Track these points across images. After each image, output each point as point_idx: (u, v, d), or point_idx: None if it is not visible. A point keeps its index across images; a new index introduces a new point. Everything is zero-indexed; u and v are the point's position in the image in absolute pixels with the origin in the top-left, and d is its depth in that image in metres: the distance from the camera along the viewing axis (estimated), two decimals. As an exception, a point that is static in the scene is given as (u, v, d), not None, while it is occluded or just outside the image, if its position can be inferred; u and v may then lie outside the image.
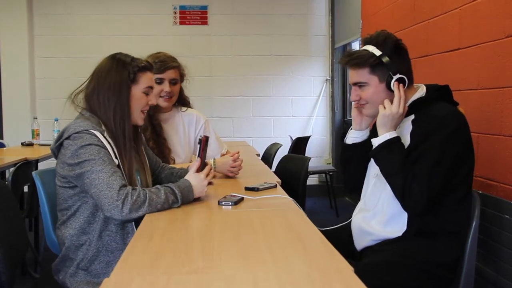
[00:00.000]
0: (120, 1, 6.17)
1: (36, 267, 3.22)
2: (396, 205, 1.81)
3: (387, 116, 1.79)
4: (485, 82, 2.39)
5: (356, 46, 5.93)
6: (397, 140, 1.79)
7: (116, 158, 1.79)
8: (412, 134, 1.83)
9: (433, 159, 1.72)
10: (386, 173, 1.80)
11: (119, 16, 6.16)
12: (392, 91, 1.83)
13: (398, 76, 1.81)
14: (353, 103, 1.98)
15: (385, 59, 1.81)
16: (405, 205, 1.77)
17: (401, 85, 1.81)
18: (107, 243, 1.77)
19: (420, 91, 1.89)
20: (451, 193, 1.78)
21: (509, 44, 2.19)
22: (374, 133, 2.02)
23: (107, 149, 1.75)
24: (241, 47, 6.28)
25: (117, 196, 1.64)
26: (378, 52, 1.82)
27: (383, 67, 1.82)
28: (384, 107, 1.80)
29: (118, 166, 1.78)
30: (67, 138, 1.74)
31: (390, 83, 1.82)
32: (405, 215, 1.80)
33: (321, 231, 1.47)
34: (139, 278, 1.11)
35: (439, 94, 1.88)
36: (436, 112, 1.79)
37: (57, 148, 1.80)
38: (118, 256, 1.74)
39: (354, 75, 1.87)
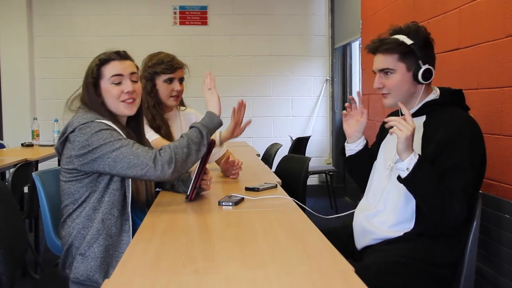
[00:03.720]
0: (120, 2, 6.17)
1: (36, 268, 3.21)
2: (407, 209, 1.81)
3: (408, 138, 1.66)
4: (485, 82, 2.39)
5: (356, 46, 5.94)
6: (422, 159, 1.70)
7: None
8: (424, 137, 1.82)
9: (467, 175, 1.70)
10: (421, 197, 1.73)
11: (118, 16, 6.16)
12: (417, 83, 1.83)
13: (426, 66, 1.81)
14: (342, 113, 2.03)
15: (416, 48, 1.81)
16: (444, 221, 1.72)
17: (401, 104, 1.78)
18: (108, 227, 1.77)
19: (434, 93, 1.89)
20: None
21: (508, 44, 2.19)
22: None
23: (117, 131, 1.78)
24: (241, 47, 6.28)
25: (147, 160, 1.70)
26: (409, 41, 1.81)
27: (412, 56, 1.81)
28: (400, 129, 1.67)
29: None
30: (72, 131, 1.75)
31: (417, 74, 1.81)
32: (413, 218, 1.80)
33: (322, 230, 1.47)
34: (139, 279, 1.11)
35: (453, 99, 1.88)
36: (453, 119, 1.78)
37: (62, 145, 1.80)
38: (116, 241, 1.77)
39: (382, 61, 1.85)
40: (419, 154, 1.71)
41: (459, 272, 1.80)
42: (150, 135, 2.38)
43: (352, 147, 2.06)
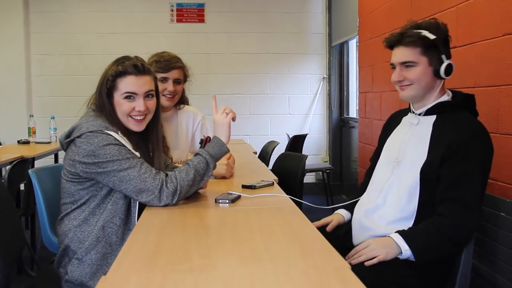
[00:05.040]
0: (117, -1, 6.16)
1: (33, 265, 3.20)
2: (408, 208, 1.81)
3: (388, 253, 1.73)
4: (481, 81, 2.39)
5: (353, 44, 5.94)
6: (405, 238, 1.73)
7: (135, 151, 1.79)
8: (433, 137, 1.82)
9: (478, 185, 1.73)
10: (439, 248, 1.75)
11: (115, 13, 6.14)
12: (437, 78, 1.83)
13: (449, 61, 1.81)
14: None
15: (439, 43, 1.81)
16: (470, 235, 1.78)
17: None
18: (108, 235, 1.76)
19: (448, 95, 1.89)
20: None
21: (505, 43, 2.20)
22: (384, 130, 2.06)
23: (125, 146, 1.75)
24: (238, 45, 6.27)
25: (153, 188, 1.69)
26: (432, 36, 1.81)
27: (435, 51, 1.81)
28: (375, 256, 1.73)
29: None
30: (79, 136, 1.72)
31: (439, 69, 1.81)
32: (414, 217, 1.81)
33: (319, 228, 1.47)
34: (136, 275, 1.11)
35: (465, 103, 1.88)
36: (466, 123, 1.79)
37: (67, 144, 1.78)
38: (115, 250, 1.74)
39: (404, 54, 1.84)
40: (402, 230, 1.75)
41: (455, 270, 1.80)
42: None
43: (346, 218, 2.11)
